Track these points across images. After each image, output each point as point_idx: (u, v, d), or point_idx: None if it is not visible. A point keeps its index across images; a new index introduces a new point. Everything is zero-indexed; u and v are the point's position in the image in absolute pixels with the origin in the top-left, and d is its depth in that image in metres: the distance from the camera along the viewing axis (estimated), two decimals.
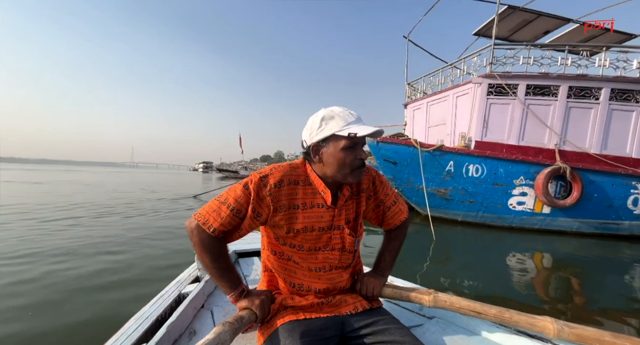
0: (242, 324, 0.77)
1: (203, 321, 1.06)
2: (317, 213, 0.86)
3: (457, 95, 6.29)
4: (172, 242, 3.76)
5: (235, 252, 1.77)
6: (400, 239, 1.05)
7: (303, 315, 0.84)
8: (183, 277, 1.38)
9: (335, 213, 0.87)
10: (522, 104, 5.45)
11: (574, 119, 5.37)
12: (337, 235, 0.88)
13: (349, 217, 0.91)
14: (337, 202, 0.88)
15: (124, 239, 3.75)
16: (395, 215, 1.00)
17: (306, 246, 0.87)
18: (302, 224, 0.85)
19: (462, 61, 6.34)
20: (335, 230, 0.88)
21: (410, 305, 1.17)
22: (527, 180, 5.38)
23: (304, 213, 0.85)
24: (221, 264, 0.83)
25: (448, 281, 2.88)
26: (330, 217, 0.87)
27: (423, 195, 6.10)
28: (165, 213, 6.03)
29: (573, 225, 5.42)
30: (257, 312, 0.82)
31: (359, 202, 0.93)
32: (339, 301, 0.90)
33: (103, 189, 10.99)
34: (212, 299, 1.25)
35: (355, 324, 0.84)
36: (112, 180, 17.26)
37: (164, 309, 1.04)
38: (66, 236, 3.76)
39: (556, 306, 2.39)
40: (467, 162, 5.61)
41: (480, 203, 5.70)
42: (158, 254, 3.22)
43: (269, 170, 0.84)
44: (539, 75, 5.38)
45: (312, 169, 0.87)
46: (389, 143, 5.98)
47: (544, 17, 7.30)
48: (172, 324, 0.90)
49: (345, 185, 0.89)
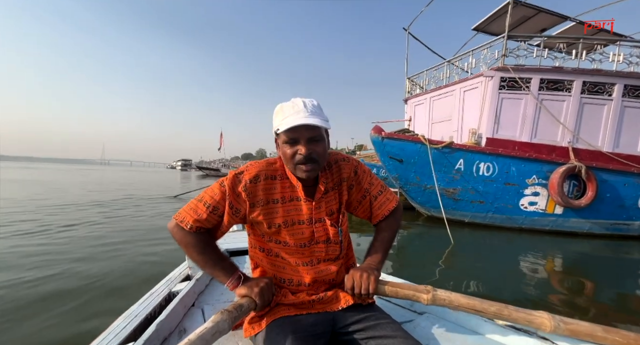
0: (241, 312, 0.73)
1: (193, 320, 1.05)
2: (296, 206, 0.86)
3: (465, 90, 5.95)
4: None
5: (227, 250, 1.74)
6: (392, 230, 0.97)
7: (295, 311, 0.83)
8: (173, 275, 1.34)
9: (314, 206, 0.86)
10: (536, 99, 5.17)
11: (587, 116, 5.16)
12: (319, 228, 0.87)
13: (331, 208, 0.89)
14: (315, 195, 0.87)
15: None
16: (382, 204, 0.95)
17: (291, 242, 0.86)
18: (282, 217, 0.84)
19: (469, 54, 6.02)
20: (316, 223, 0.87)
21: (402, 300, 1.16)
22: (540, 180, 5.12)
23: (283, 207, 0.85)
24: (209, 256, 0.82)
25: (475, 287, 2.64)
26: (308, 210, 0.86)
27: (429, 195, 5.74)
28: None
29: (585, 226, 5.23)
30: (257, 299, 0.78)
31: (341, 192, 0.91)
32: (330, 298, 0.87)
33: (63, 191, 9.89)
34: (202, 297, 1.23)
35: (347, 320, 0.83)
36: (77, 179, 15.82)
37: (154, 307, 1.01)
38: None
39: (577, 311, 2.29)
40: (477, 160, 5.28)
41: (491, 203, 5.40)
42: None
43: (244, 167, 0.86)
44: (553, 69, 5.12)
45: None
46: (395, 139, 5.55)
47: (543, 13, 7.10)
48: (161, 322, 0.89)
49: (321, 177, 0.88)
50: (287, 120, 0.76)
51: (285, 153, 0.80)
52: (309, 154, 0.77)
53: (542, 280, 3.09)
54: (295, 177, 0.85)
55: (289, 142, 0.79)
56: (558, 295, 2.68)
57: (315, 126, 0.76)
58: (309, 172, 0.80)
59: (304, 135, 0.77)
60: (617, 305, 2.55)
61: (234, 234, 2.17)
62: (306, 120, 0.74)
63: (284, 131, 0.76)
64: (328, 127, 0.82)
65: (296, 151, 0.78)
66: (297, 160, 0.79)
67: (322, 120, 0.77)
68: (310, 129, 0.77)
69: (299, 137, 0.77)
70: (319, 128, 0.78)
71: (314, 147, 0.78)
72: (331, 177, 0.90)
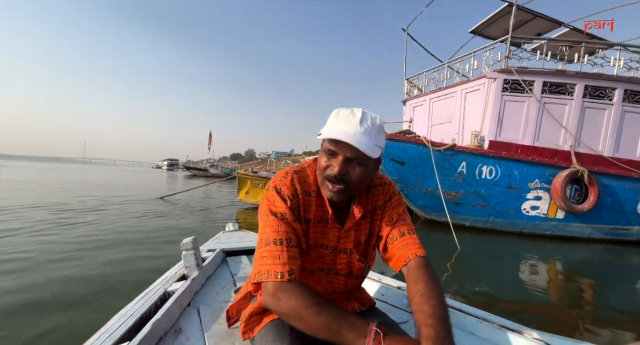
0: None
1: (189, 319, 1.02)
2: (325, 229, 0.77)
3: (467, 92, 5.86)
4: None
5: (223, 250, 1.70)
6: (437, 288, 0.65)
7: None
8: (169, 274, 1.31)
9: (342, 234, 0.77)
10: (539, 102, 5.12)
11: (588, 120, 5.14)
12: (343, 260, 0.79)
13: (359, 238, 0.80)
14: (345, 223, 0.77)
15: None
16: (407, 245, 0.74)
17: (309, 268, 0.77)
18: (312, 239, 0.76)
19: (471, 55, 5.94)
20: (341, 253, 0.78)
21: (398, 302, 1.18)
22: (543, 184, 5.05)
23: (314, 227, 0.76)
24: (326, 313, 0.58)
25: (490, 296, 2.50)
26: (336, 238, 0.77)
27: (430, 198, 5.60)
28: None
29: (585, 231, 5.20)
30: None
31: (374, 221, 0.81)
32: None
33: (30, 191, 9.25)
34: (198, 297, 1.21)
35: None
36: (51, 179, 15.00)
37: (149, 306, 0.98)
38: None
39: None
40: (480, 163, 5.18)
41: (493, 207, 5.30)
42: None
43: (277, 182, 0.73)
44: (556, 72, 5.08)
45: None
46: (396, 140, 5.38)
47: (539, 18, 7.14)
48: (157, 321, 0.86)
49: (356, 203, 0.77)
50: (334, 128, 0.67)
51: (320, 162, 0.72)
52: (341, 174, 0.68)
53: (557, 287, 2.99)
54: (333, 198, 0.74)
55: (327, 153, 0.70)
56: (580, 306, 2.55)
57: (355, 148, 0.64)
58: (333, 193, 0.71)
59: (344, 152, 0.67)
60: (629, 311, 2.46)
61: (231, 233, 2.10)
62: (351, 138, 0.64)
63: (326, 140, 0.68)
64: (373, 156, 0.67)
65: (330, 166, 0.70)
66: (326, 175, 0.70)
67: (369, 145, 0.65)
68: (354, 149, 0.65)
69: (339, 152, 0.67)
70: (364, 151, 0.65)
71: (350, 169, 0.68)
72: (366, 203, 0.79)
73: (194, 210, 6.49)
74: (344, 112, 0.69)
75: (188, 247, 1.28)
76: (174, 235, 4.00)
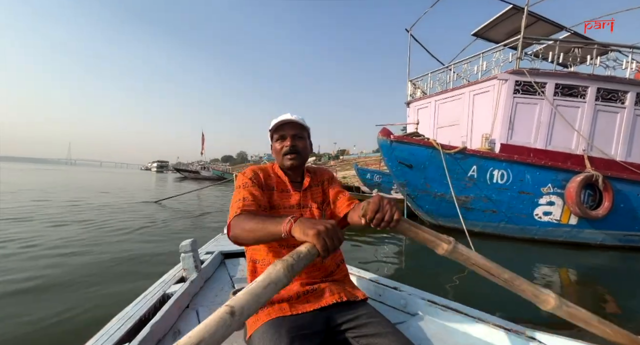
0: (299, 260, 0.61)
1: (188, 321, 1.04)
2: (288, 195, 1.04)
3: (475, 93, 5.70)
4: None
5: (222, 252, 1.73)
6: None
7: (289, 311, 0.84)
8: (168, 277, 1.31)
9: (301, 195, 1.06)
10: (551, 104, 4.98)
11: (601, 123, 5.02)
12: (307, 212, 1.03)
13: (316, 199, 1.08)
14: (302, 187, 1.07)
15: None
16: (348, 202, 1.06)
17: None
18: (277, 201, 1.01)
19: (479, 56, 5.79)
20: (304, 208, 1.04)
21: (395, 302, 1.21)
22: (556, 189, 4.89)
23: (278, 194, 1.03)
24: (260, 217, 0.80)
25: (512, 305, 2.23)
26: (298, 198, 1.04)
27: (439, 203, 5.39)
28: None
29: (598, 237, 5.06)
30: (317, 243, 0.63)
31: (324, 189, 1.12)
32: (323, 290, 0.92)
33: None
34: (197, 299, 1.21)
35: (340, 319, 0.85)
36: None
37: (148, 308, 0.99)
38: None
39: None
40: (491, 167, 4.99)
41: (504, 213, 5.11)
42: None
43: (244, 171, 1.05)
44: (569, 74, 4.96)
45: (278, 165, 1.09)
46: (404, 143, 5.15)
47: (541, 22, 7.08)
48: (156, 323, 0.88)
49: (306, 174, 1.10)
50: (276, 121, 1.02)
51: (276, 148, 1.05)
52: (293, 146, 1.02)
53: (577, 296, 2.86)
54: (282, 170, 1.08)
55: (279, 139, 1.04)
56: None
57: (298, 124, 1.03)
58: (293, 161, 1.03)
59: (289, 133, 1.02)
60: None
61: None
62: (290, 117, 1.02)
63: (275, 129, 1.03)
64: (308, 127, 1.09)
65: (284, 145, 1.03)
66: (284, 152, 1.02)
67: (301, 119, 1.04)
68: (294, 128, 1.03)
69: (286, 134, 1.02)
70: (302, 128, 1.05)
71: (297, 142, 1.03)
72: (314, 178, 1.12)
73: (192, 214, 6.13)
74: (281, 115, 1.04)
75: (187, 249, 1.29)
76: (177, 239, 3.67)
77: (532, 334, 0.92)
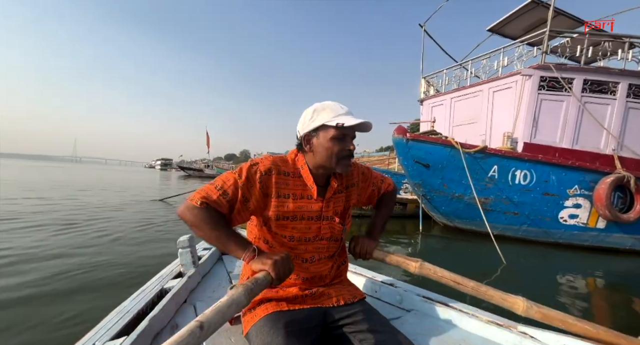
0: (257, 285, 0.71)
1: (185, 316, 1.04)
2: (307, 203, 0.90)
3: (495, 90, 5.44)
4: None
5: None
6: (390, 206, 1.13)
7: (287, 306, 0.85)
8: (165, 272, 1.30)
9: (323, 205, 0.91)
10: (579, 101, 4.70)
11: (632, 122, 4.73)
12: (326, 226, 0.92)
13: (337, 209, 0.95)
14: (325, 195, 0.92)
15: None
16: (383, 188, 1.10)
17: (296, 236, 0.89)
18: (293, 212, 0.87)
19: (500, 51, 5.52)
20: (324, 220, 0.92)
21: (390, 298, 1.24)
22: (583, 190, 4.62)
23: (294, 203, 0.88)
24: (222, 231, 0.79)
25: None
26: (319, 208, 0.91)
27: (456, 204, 5.15)
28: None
29: (627, 242, 4.77)
30: (272, 272, 0.75)
31: (349, 196, 0.99)
32: (322, 293, 0.91)
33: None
34: (194, 294, 1.22)
35: (337, 315, 0.86)
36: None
37: (146, 303, 0.99)
38: None
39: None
40: (513, 167, 4.73)
41: (527, 215, 4.85)
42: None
43: (259, 159, 0.88)
44: (598, 69, 4.68)
45: (304, 161, 0.90)
46: (421, 141, 4.92)
47: (561, 16, 6.77)
48: (154, 317, 0.89)
49: (333, 179, 0.93)
50: (344, 118, 0.83)
51: (331, 147, 0.85)
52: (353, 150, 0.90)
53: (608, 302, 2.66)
54: (330, 173, 0.93)
55: (339, 138, 0.84)
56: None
57: (369, 126, 0.87)
58: (350, 167, 0.91)
59: (352, 134, 0.88)
60: None
61: None
62: (362, 120, 0.83)
63: (337, 127, 0.83)
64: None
65: (343, 147, 0.86)
66: (343, 155, 0.86)
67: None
68: (356, 129, 0.88)
69: (350, 135, 0.87)
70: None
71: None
72: (341, 180, 0.97)
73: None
74: (332, 105, 0.86)
75: (184, 245, 1.28)
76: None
77: (524, 329, 0.95)
